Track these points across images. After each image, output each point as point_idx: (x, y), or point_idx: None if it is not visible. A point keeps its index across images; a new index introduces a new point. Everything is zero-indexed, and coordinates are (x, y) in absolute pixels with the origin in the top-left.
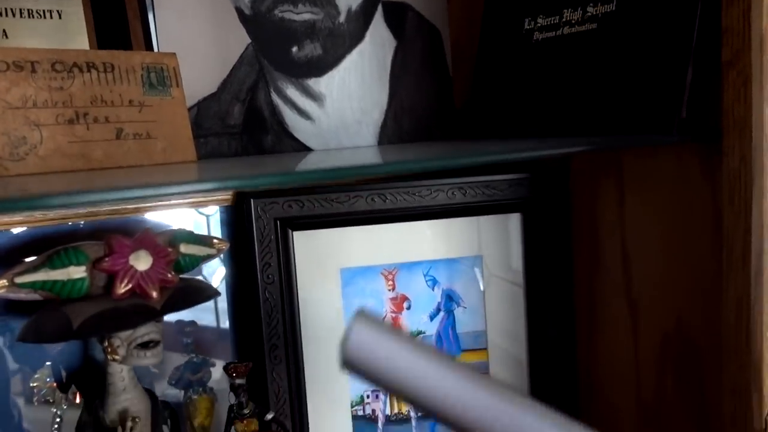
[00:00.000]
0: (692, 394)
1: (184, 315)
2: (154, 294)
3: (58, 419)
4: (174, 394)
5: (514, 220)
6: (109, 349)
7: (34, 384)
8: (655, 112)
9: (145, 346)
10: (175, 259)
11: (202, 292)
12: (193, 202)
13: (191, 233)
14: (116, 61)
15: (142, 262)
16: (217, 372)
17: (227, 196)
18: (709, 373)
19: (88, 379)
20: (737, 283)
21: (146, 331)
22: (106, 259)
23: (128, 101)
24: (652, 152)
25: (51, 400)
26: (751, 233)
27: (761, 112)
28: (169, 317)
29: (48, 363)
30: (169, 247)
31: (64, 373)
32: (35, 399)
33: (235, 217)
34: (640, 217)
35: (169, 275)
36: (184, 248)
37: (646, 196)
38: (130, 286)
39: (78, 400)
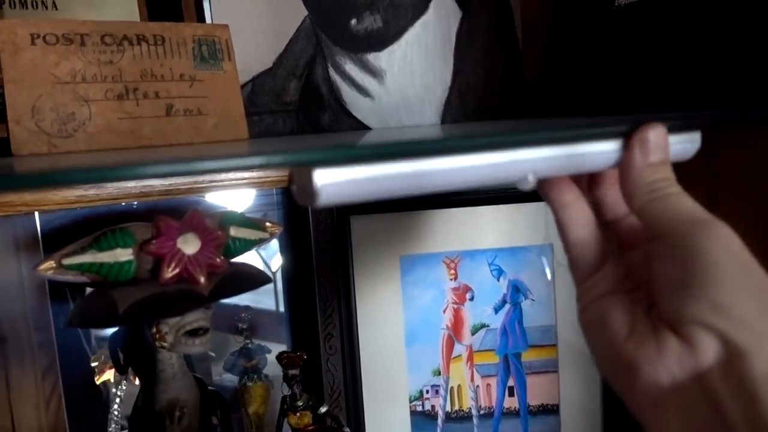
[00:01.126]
0: None
1: (240, 299)
2: (202, 279)
3: (118, 399)
4: (232, 379)
5: None
6: (157, 336)
7: (94, 364)
8: (754, 84)
9: (193, 333)
10: (225, 242)
11: (253, 279)
12: (248, 182)
13: (242, 216)
14: (167, 33)
15: (190, 245)
16: (273, 359)
17: (284, 176)
18: None
19: (144, 363)
20: None
21: (195, 318)
22: (153, 241)
23: (179, 76)
24: (747, 133)
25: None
26: None
27: None
28: (225, 300)
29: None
30: (219, 230)
31: (121, 355)
32: (96, 378)
33: (291, 199)
34: (733, 204)
35: (218, 260)
36: (234, 231)
37: (740, 182)
38: (177, 270)
39: (137, 382)
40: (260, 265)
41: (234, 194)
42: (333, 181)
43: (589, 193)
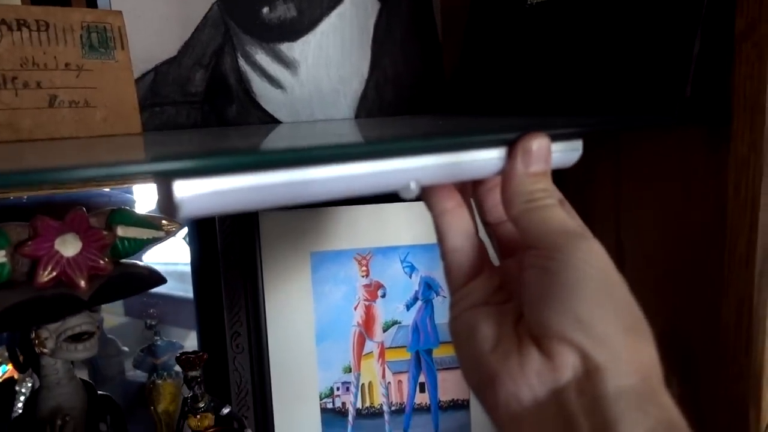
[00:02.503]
0: (686, 404)
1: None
2: (82, 283)
3: (22, 398)
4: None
5: None
6: (37, 341)
7: None
8: (656, 90)
9: (76, 338)
10: (111, 243)
11: (142, 281)
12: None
13: (133, 214)
14: (52, 18)
15: (69, 247)
16: None
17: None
18: (705, 382)
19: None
20: (739, 284)
21: (77, 323)
22: (29, 243)
23: (64, 64)
24: (652, 136)
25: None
26: (758, 230)
27: None
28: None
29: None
30: (105, 230)
31: (21, 356)
32: None
33: None
34: (637, 208)
35: (102, 262)
36: (122, 231)
37: (644, 185)
38: (54, 273)
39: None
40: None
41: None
42: (195, 194)
43: (471, 194)
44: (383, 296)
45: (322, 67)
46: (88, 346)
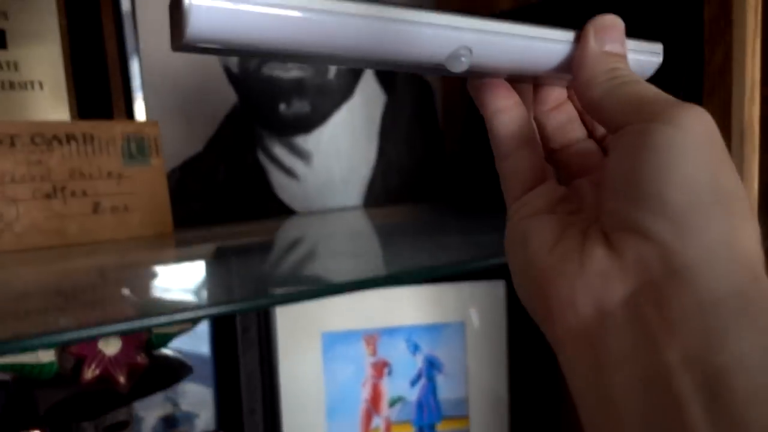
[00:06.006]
0: None
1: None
2: (122, 380)
3: None
4: None
5: (497, 287)
6: None
7: None
8: None
9: (114, 428)
10: (147, 339)
11: (173, 374)
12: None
13: (162, 302)
14: (96, 131)
15: (111, 345)
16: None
17: (209, 249)
18: None
19: None
20: None
21: (116, 415)
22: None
23: (107, 173)
24: None
25: None
26: None
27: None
28: None
29: None
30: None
31: None
32: None
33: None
34: None
35: (139, 358)
36: (156, 327)
37: None
38: (98, 371)
39: None
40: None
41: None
42: (210, 4)
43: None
44: (389, 374)
45: (333, 157)
46: None
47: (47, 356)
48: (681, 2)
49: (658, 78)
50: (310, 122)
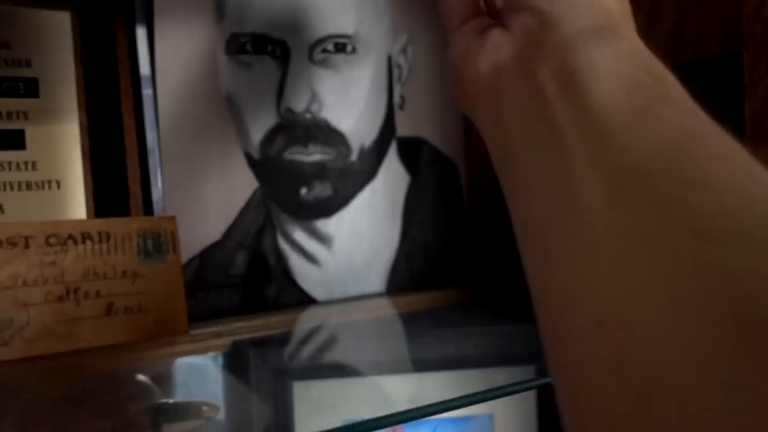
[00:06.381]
0: None
1: None
2: None
3: None
4: None
5: (528, 374)
6: None
7: None
8: None
9: None
10: None
11: None
12: (188, 351)
13: (176, 407)
14: (112, 229)
15: None
16: None
17: (225, 342)
18: None
19: None
20: None
21: None
22: None
23: (122, 272)
24: None
25: None
26: None
27: None
28: None
29: None
30: (151, 429)
31: None
32: None
33: (233, 366)
34: None
35: None
36: (167, 428)
37: None
38: None
39: None
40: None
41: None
42: None
43: None
44: None
45: (355, 241)
46: None
47: None
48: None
49: None
50: (331, 205)
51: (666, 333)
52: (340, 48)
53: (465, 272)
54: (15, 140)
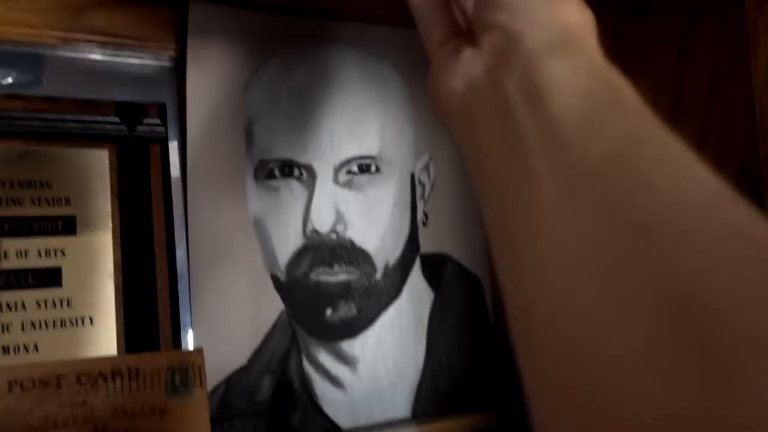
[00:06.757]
0: None
1: None
2: None
3: None
4: None
5: None
6: None
7: None
8: None
9: None
10: None
11: None
12: None
13: None
14: (142, 365)
15: None
16: None
17: None
18: None
19: None
20: None
21: None
22: None
23: (149, 409)
24: None
25: None
26: None
27: None
28: None
29: None
30: None
31: None
32: None
33: None
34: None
35: None
36: None
37: None
38: None
39: None
40: None
41: None
42: None
43: None
44: None
45: (380, 361)
46: None
47: None
48: None
49: None
50: (356, 326)
51: (612, 326)
52: (364, 168)
53: (492, 393)
54: (52, 278)
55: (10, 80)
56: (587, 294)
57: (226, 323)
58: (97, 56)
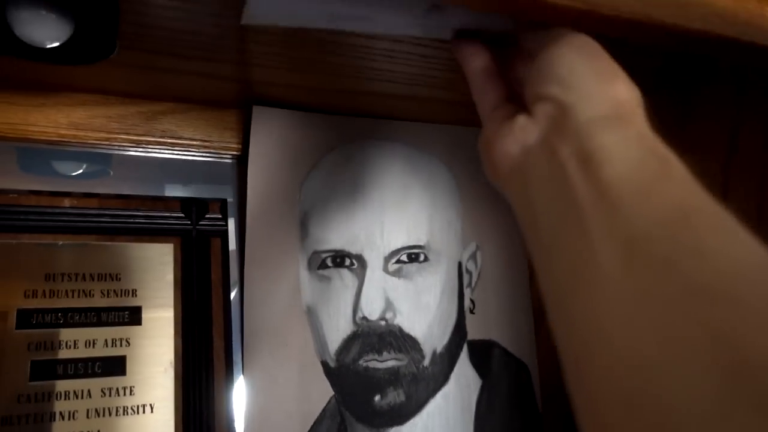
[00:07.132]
0: None
1: None
2: None
3: None
4: None
5: None
6: None
7: None
8: None
9: None
10: None
11: None
12: None
13: None
14: None
15: None
16: None
17: None
18: None
19: None
20: None
21: None
22: None
23: None
24: None
25: None
26: None
27: None
28: None
29: None
30: None
31: None
32: None
33: None
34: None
35: None
36: None
37: None
38: None
39: None
40: None
41: None
42: None
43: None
44: None
45: None
46: None
47: None
48: None
49: None
50: (404, 412)
51: (679, 382)
52: (413, 258)
53: None
54: (117, 367)
55: (80, 171)
56: (648, 348)
57: (276, 409)
58: (165, 156)
